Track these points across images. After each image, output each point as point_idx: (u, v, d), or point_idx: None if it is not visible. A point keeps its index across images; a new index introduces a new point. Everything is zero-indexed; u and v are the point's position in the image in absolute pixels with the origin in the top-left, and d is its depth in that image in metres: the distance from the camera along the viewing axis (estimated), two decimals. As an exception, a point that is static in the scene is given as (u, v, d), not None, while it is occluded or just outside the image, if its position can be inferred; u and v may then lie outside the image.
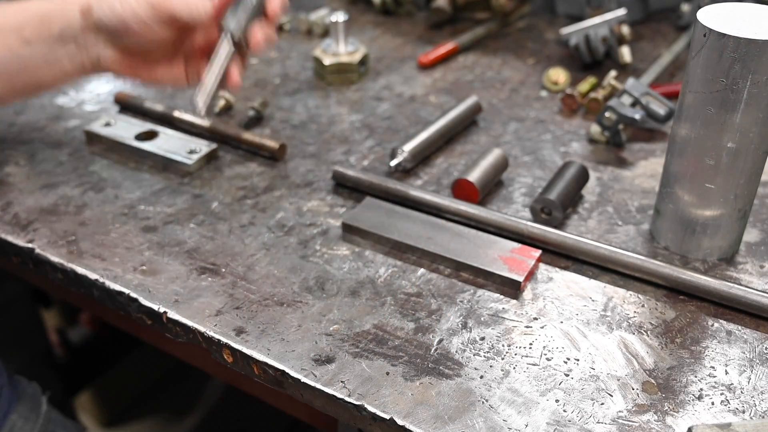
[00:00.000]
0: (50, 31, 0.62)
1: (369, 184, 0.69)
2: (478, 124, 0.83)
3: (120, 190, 0.70)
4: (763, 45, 0.50)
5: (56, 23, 0.62)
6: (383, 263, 0.61)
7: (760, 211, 0.67)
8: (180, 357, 0.79)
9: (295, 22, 1.10)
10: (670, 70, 0.94)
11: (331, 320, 0.55)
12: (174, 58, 0.67)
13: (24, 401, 0.72)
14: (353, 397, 0.48)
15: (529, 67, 0.97)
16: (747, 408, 0.48)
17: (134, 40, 0.62)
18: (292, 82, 0.92)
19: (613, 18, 0.92)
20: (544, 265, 0.61)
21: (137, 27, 0.61)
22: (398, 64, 0.97)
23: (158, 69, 0.66)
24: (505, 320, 0.55)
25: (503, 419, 0.47)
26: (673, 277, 0.57)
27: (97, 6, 0.62)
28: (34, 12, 0.63)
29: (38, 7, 0.63)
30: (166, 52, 0.66)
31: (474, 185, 0.66)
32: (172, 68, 0.67)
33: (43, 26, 0.62)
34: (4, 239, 0.64)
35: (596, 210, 0.67)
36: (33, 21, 0.62)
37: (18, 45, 0.62)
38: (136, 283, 0.58)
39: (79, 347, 1.42)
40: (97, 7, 0.61)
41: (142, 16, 0.60)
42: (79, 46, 0.63)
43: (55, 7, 0.63)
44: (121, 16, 0.61)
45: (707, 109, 0.54)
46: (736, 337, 0.53)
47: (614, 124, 0.76)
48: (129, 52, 0.64)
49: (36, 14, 0.63)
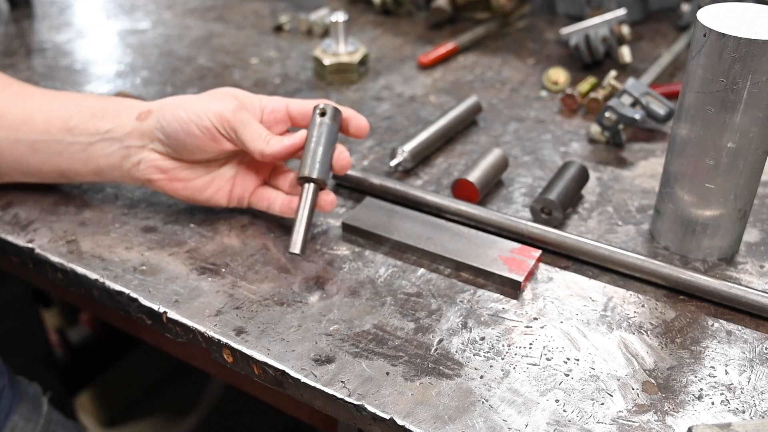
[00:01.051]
0: (98, 128, 0.61)
1: (369, 184, 0.69)
2: (478, 124, 0.83)
3: (120, 190, 0.70)
4: (763, 45, 0.50)
5: (107, 121, 0.61)
6: (383, 263, 0.61)
7: (760, 211, 0.67)
8: (180, 357, 0.79)
9: (295, 22, 1.10)
10: (670, 70, 0.94)
11: (331, 320, 0.55)
12: (217, 177, 0.64)
13: (25, 402, 0.72)
14: (353, 397, 0.48)
15: (529, 67, 0.97)
16: (747, 408, 0.48)
17: (185, 145, 0.60)
18: (292, 82, 0.92)
19: (613, 18, 0.92)
20: (544, 265, 0.61)
21: (198, 131, 0.59)
22: (398, 64, 0.97)
23: (198, 181, 0.63)
24: (505, 320, 0.55)
25: (503, 419, 0.47)
26: (673, 277, 0.57)
27: (157, 111, 0.60)
28: (89, 105, 0.62)
29: (96, 102, 0.62)
30: (212, 166, 0.63)
31: (474, 185, 0.66)
32: (212, 184, 0.63)
33: (92, 121, 0.61)
34: (4, 239, 0.64)
35: (596, 210, 0.67)
36: (84, 114, 0.61)
37: (59, 131, 0.61)
38: (136, 283, 0.58)
39: (79, 347, 1.42)
40: (158, 112, 0.60)
41: (207, 125, 0.58)
42: (123, 147, 0.61)
43: (111, 106, 0.62)
44: (184, 121, 0.58)
45: (707, 109, 0.54)
46: (736, 337, 0.53)
47: (614, 124, 0.76)
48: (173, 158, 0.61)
49: (90, 108, 0.62)
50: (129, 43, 1.04)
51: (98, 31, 1.08)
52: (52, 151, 0.62)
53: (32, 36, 1.06)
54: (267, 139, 0.59)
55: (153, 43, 1.04)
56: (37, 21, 1.12)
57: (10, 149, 0.63)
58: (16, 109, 0.62)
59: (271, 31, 1.09)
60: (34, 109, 0.62)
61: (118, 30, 1.08)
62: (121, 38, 1.06)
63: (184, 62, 0.97)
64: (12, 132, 0.62)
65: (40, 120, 0.62)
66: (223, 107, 0.59)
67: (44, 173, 0.64)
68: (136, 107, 0.62)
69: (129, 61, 0.98)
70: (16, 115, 0.62)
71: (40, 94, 0.64)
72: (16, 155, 0.63)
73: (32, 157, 0.63)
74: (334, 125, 0.61)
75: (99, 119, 0.61)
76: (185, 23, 1.11)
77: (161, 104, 0.61)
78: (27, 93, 0.64)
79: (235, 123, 0.59)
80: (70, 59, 0.98)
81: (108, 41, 1.05)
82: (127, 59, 0.99)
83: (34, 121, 0.62)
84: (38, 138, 0.62)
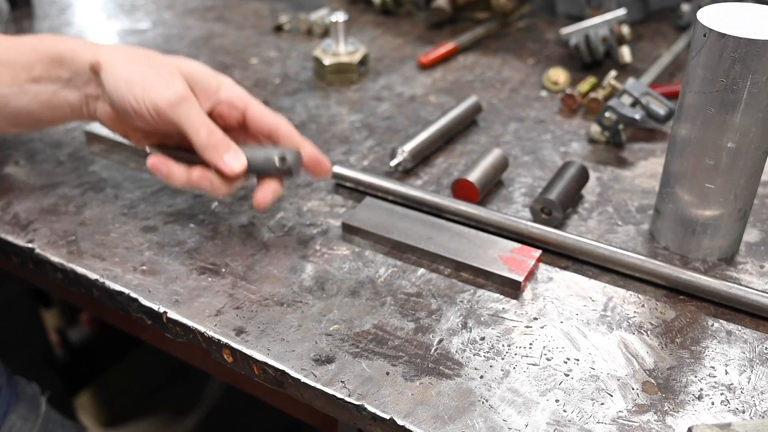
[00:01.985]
0: (59, 75, 0.61)
1: (369, 184, 0.69)
2: (478, 124, 0.83)
3: (120, 190, 0.70)
4: (763, 45, 0.50)
5: (66, 69, 0.60)
6: (383, 263, 0.61)
7: (760, 211, 0.67)
8: (180, 357, 0.78)
9: (295, 22, 1.10)
10: (670, 70, 0.94)
11: (331, 320, 0.55)
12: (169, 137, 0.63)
13: (23, 401, 0.72)
14: (353, 397, 0.48)
15: (529, 67, 0.97)
16: (747, 408, 0.48)
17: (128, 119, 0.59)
18: (292, 82, 0.92)
19: (613, 18, 0.92)
20: (544, 265, 0.61)
21: (134, 114, 0.58)
22: (398, 64, 0.97)
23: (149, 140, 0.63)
24: (505, 320, 0.55)
25: (503, 419, 0.47)
26: (673, 277, 0.57)
27: (104, 70, 0.58)
28: (46, 52, 0.61)
29: (51, 48, 0.61)
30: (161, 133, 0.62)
31: (474, 185, 0.66)
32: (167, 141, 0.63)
33: (53, 68, 0.61)
34: (4, 239, 0.64)
35: (596, 210, 0.67)
36: (44, 61, 0.61)
37: (26, 82, 0.61)
38: (136, 283, 0.58)
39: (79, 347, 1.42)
40: (105, 72, 0.58)
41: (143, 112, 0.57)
42: (82, 95, 0.61)
43: (67, 51, 0.61)
44: (123, 97, 0.57)
45: (707, 109, 0.54)
46: (736, 337, 0.53)
47: (614, 124, 0.76)
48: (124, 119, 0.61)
49: (48, 55, 0.61)
50: (129, 43, 1.04)
51: (98, 31, 1.08)
52: (21, 103, 0.62)
53: (32, 36, 1.06)
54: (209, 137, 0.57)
55: (153, 43, 1.04)
56: (37, 21, 1.12)
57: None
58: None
59: (271, 31, 1.09)
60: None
61: (118, 30, 1.08)
62: (121, 38, 1.06)
63: (184, 62, 0.97)
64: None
65: (5, 74, 0.61)
66: (162, 99, 0.56)
67: (16, 123, 0.64)
68: (88, 54, 0.60)
69: (129, 61, 0.98)
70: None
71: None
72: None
73: (3, 110, 0.62)
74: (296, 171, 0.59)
75: (58, 66, 0.61)
76: (185, 23, 1.11)
77: (109, 60, 0.59)
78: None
79: (173, 117, 0.57)
80: (70, 59, 0.98)
81: (108, 41, 1.05)
82: (127, 59, 0.99)
83: (1, 76, 0.61)
84: (6, 92, 0.61)
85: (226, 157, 0.57)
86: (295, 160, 0.58)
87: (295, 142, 0.60)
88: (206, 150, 0.57)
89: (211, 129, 0.57)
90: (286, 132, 0.60)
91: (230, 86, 0.61)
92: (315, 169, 0.61)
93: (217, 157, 0.57)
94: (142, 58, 0.59)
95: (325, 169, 0.61)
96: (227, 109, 0.60)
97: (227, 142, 0.58)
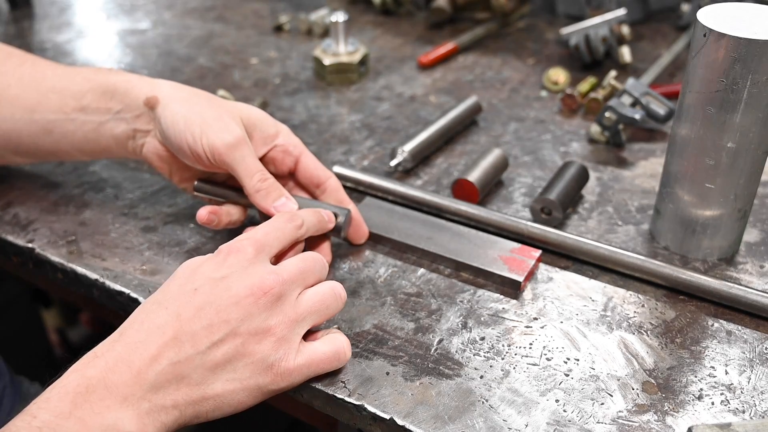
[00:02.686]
0: (109, 106, 0.60)
1: (369, 184, 0.69)
2: (478, 124, 0.83)
3: (120, 190, 0.70)
4: (763, 45, 0.50)
5: (118, 101, 0.60)
6: (383, 263, 0.61)
7: (760, 211, 0.67)
8: (180, 357, 0.78)
9: (295, 22, 1.10)
10: (670, 70, 0.94)
11: (331, 320, 0.55)
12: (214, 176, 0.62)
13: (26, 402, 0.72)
14: (353, 397, 0.48)
15: (529, 67, 0.97)
16: (747, 408, 0.48)
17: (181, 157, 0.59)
18: (292, 82, 0.92)
19: (613, 18, 0.92)
20: (544, 265, 0.61)
21: (190, 153, 0.57)
22: (398, 64, 0.97)
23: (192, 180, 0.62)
24: (505, 320, 0.55)
25: (503, 419, 0.47)
26: (673, 277, 0.57)
27: (162, 107, 0.58)
28: (99, 82, 0.61)
29: (105, 79, 0.61)
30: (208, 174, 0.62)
31: (474, 185, 0.66)
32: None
33: (104, 99, 0.60)
34: (4, 239, 0.64)
35: (596, 210, 0.67)
36: (96, 91, 0.60)
37: (74, 110, 0.61)
38: (136, 283, 0.58)
39: (79, 347, 1.42)
40: (162, 108, 0.58)
41: (199, 152, 0.56)
42: (130, 129, 0.60)
43: (121, 83, 0.60)
44: (180, 136, 0.57)
45: (707, 109, 0.54)
46: (736, 337, 0.53)
47: (614, 124, 0.76)
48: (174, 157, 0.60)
49: (100, 85, 0.61)
50: (129, 43, 1.04)
51: (98, 31, 1.08)
52: (66, 130, 0.62)
53: (32, 36, 1.06)
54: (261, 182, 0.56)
55: (153, 43, 1.04)
56: (37, 21, 1.12)
57: (27, 130, 0.62)
58: (31, 90, 0.62)
59: (271, 31, 1.09)
60: (48, 89, 0.62)
61: (118, 30, 1.08)
62: (121, 38, 1.06)
63: (184, 62, 0.97)
64: (27, 113, 0.62)
65: (54, 100, 0.61)
66: (220, 140, 0.56)
67: (58, 152, 0.64)
68: (145, 88, 0.60)
69: (129, 61, 0.98)
70: (31, 96, 0.62)
71: (52, 71, 0.63)
72: (32, 135, 0.62)
73: (47, 137, 0.62)
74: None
75: (109, 98, 0.60)
76: (185, 23, 1.11)
77: (169, 98, 0.58)
78: (40, 71, 0.63)
79: (228, 160, 0.56)
80: (70, 59, 0.98)
81: (108, 41, 1.05)
82: (127, 59, 0.99)
83: (49, 101, 0.61)
84: (53, 118, 0.61)
85: (278, 202, 0.57)
86: (345, 219, 0.59)
87: (340, 198, 0.61)
88: (258, 194, 0.57)
89: (264, 175, 0.57)
90: (334, 187, 0.61)
91: (287, 134, 0.62)
92: (354, 234, 0.62)
93: (268, 202, 0.57)
94: (202, 99, 0.59)
95: (364, 234, 0.62)
96: (281, 155, 0.61)
97: (279, 188, 0.57)
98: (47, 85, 0.62)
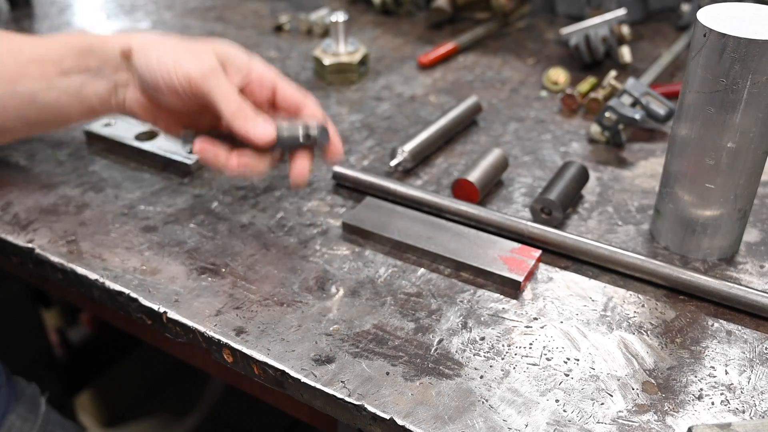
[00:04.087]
0: (88, 65, 0.61)
1: (369, 184, 0.69)
2: (478, 124, 0.83)
3: (120, 190, 0.70)
4: (763, 45, 0.50)
5: (95, 58, 0.61)
6: (383, 263, 0.61)
7: (760, 211, 0.67)
8: (180, 357, 0.78)
9: (295, 22, 1.10)
10: (670, 70, 0.94)
11: (331, 320, 0.55)
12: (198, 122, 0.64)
13: (22, 402, 0.72)
14: (353, 397, 0.48)
15: (529, 67, 0.97)
16: (747, 408, 0.48)
17: (160, 98, 0.60)
18: (292, 81, 0.92)
19: (613, 18, 0.92)
20: (544, 265, 0.61)
21: (166, 89, 0.58)
22: (398, 64, 0.97)
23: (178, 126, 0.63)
24: (505, 320, 0.55)
25: (503, 419, 0.47)
26: (673, 277, 0.57)
27: (136, 53, 0.59)
28: (75, 45, 0.62)
29: (80, 40, 0.62)
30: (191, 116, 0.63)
31: (474, 185, 0.66)
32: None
33: (81, 59, 0.61)
34: (4, 239, 0.64)
35: (596, 210, 0.67)
36: (73, 53, 0.61)
37: (55, 76, 0.61)
38: (136, 283, 0.58)
39: (79, 347, 1.42)
40: (137, 54, 0.59)
41: (174, 84, 0.57)
42: (111, 85, 0.62)
43: (96, 42, 0.61)
44: (155, 74, 0.58)
45: (707, 109, 0.54)
46: (736, 337, 0.53)
47: (614, 124, 0.76)
48: (155, 103, 0.62)
49: (77, 47, 0.61)
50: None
51: (98, 31, 1.08)
52: (50, 98, 0.62)
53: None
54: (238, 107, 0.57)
55: (153, 43, 1.04)
56: (37, 21, 1.12)
57: (11, 103, 0.62)
58: (10, 64, 0.62)
59: (271, 31, 1.09)
60: (27, 60, 0.62)
61: (118, 30, 1.08)
62: (121, 38, 1.06)
63: (184, 62, 0.97)
64: (9, 85, 0.62)
65: (35, 69, 0.62)
66: (194, 69, 0.57)
67: (45, 122, 0.64)
68: (119, 41, 0.61)
69: (129, 61, 0.98)
70: (11, 69, 0.62)
71: (28, 43, 0.64)
72: (17, 108, 0.63)
73: (32, 107, 0.63)
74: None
75: (87, 56, 0.61)
76: (185, 23, 1.11)
77: (142, 44, 0.59)
78: (16, 45, 0.64)
79: (204, 88, 0.57)
80: (70, 59, 0.98)
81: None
82: (127, 59, 0.99)
83: (30, 72, 0.62)
84: (36, 87, 0.62)
85: (255, 124, 0.58)
86: (320, 131, 0.59)
87: (320, 119, 0.61)
88: (236, 119, 0.57)
89: (240, 100, 0.58)
90: (312, 109, 0.61)
91: (260, 65, 0.62)
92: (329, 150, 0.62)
93: (247, 125, 0.57)
94: (175, 40, 0.60)
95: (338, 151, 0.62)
96: (257, 87, 0.61)
97: (256, 111, 0.58)
98: (25, 56, 0.62)
